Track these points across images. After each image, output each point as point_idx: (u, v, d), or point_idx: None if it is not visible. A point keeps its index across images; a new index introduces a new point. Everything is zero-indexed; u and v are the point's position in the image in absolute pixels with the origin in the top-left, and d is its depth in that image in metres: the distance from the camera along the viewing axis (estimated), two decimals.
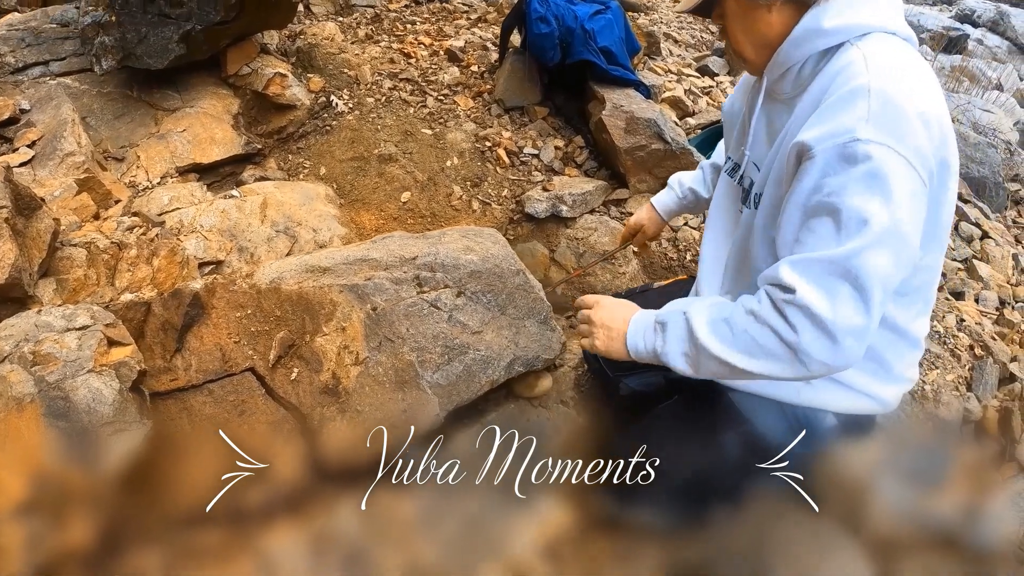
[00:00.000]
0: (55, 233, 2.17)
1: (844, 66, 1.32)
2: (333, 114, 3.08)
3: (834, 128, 1.26)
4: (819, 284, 1.27)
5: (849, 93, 1.27)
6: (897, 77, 1.28)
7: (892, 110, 1.24)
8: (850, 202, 1.23)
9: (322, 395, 1.82)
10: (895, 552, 2.40)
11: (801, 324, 1.28)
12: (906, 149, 1.23)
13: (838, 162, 1.25)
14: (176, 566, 1.66)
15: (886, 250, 1.25)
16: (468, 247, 2.06)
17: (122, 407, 1.63)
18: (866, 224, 1.23)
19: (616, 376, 1.96)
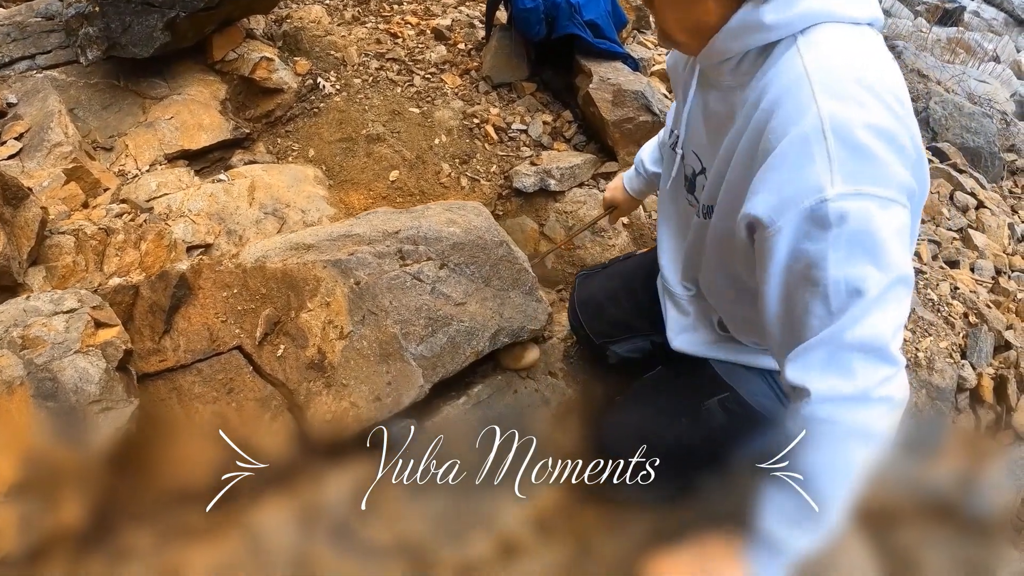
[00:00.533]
0: (43, 222, 2.18)
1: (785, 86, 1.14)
2: (320, 96, 3.08)
3: (792, 193, 1.09)
4: (828, 370, 1.16)
5: (799, 141, 1.09)
6: (849, 92, 1.09)
7: (857, 147, 1.07)
8: (835, 275, 1.09)
9: (308, 370, 1.84)
10: (889, 520, 2.41)
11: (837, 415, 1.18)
12: (885, 188, 1.08)
13: (809, 228, 1.09)
14: (166, 543, 1.69)
15: (888, 302, 1.12)
16: (451, 220, 2.07)
17: (108, 386, 1.64)
18: (859, 294, 1.10)
19: (603, 343, 1.97)
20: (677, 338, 1.76)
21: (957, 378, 2.48)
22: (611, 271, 2.09)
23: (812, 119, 1.08)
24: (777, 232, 1.12)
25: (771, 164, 1.12)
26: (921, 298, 2.68)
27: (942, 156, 3.99)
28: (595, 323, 1.98)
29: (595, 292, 2.01)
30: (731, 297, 1.50)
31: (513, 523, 1.89)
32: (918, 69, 5.08)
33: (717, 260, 1.43)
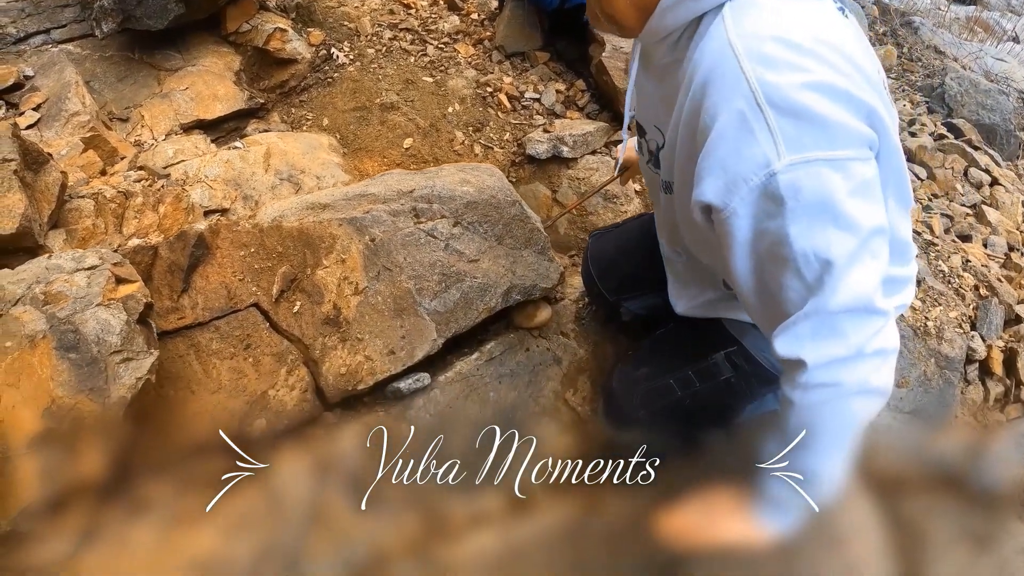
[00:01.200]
0: (63, 186, 2.21)
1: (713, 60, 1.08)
2: (334, 66, 3.10)
3: (738, 172, 1.05)
4: (819, 338, 1.13)
5: (736, 118, 1.04)
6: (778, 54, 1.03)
7: (797, 112, 1.01)
8: (802, 248, 1.06)
9: (324, 325, 1.86)
10: (896, 489, 2.42)
11: (838, 377, 1.16)
12: (835, 148, 1.03)
13: (764, 205, 1.06)
14: (184, 493, 1.72)
15: (864, 259, 1.09)
16: (464, 180, 2.08)
17: (129, 337, 1.67)
18: (829, 263, 1.06)
19: (616, 299, 1.99)
20: (679, 303, 1.76)
21: (966, 348, 2.48)
22: (624, 229, 2.10)
23: (744, 91, 1.03)
24: (732, 214, 1.09)
25: (712, 146, 1.07)
26: (932, 269, 2.68)
27: (957, 132, 3.95)
28: (608, 280, 1.99)
29: (608, 249, 2.02)
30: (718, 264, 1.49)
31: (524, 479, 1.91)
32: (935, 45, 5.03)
33: (691, 235, 1.41)
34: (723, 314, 1.70)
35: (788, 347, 1.16)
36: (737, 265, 1.17)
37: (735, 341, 1.69)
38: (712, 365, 1.70)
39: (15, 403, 1.63)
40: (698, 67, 1.11)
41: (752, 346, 1.68)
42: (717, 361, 1.70)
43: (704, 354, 1.71)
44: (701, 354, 1.72)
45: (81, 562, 1.60)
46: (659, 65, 1.29)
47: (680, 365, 1.74)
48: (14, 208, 1.98)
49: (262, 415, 1.81)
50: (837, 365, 1.15)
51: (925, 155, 3.46)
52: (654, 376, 1.76)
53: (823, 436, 1.27)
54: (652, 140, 1.46)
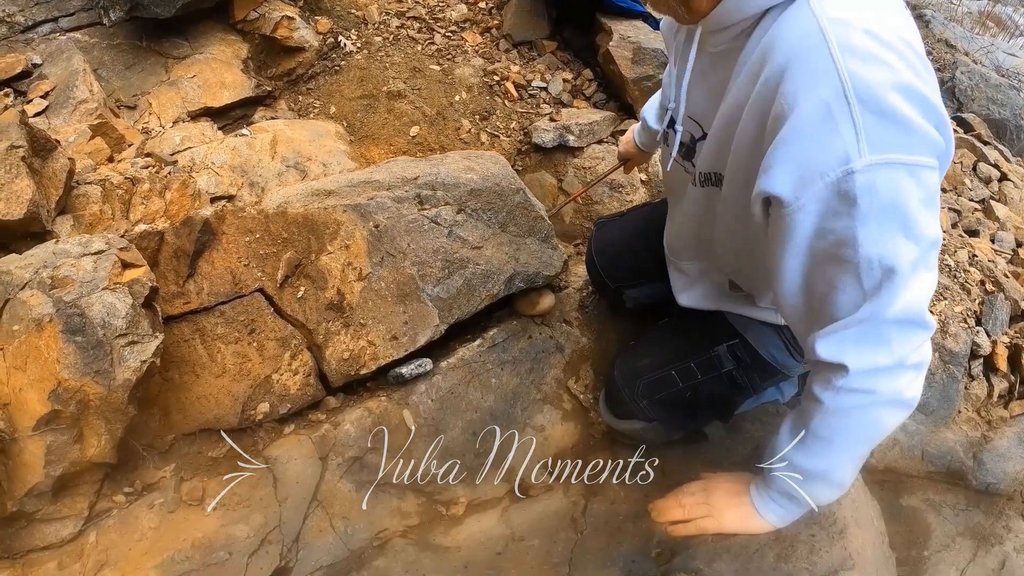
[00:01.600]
0: (71, 172, 2.23)
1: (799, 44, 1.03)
2: (341, 54, 3.10)
3: (815, 166, 1.01)
4: (865, 346, 1.13)
5: (821, 108, 1.00)
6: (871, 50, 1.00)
7: (884, 112, 0.98)
8: (867, 252, 1.03)
9: (327, 311, 1.87)
10: (899, 482, 2.42)
11: (875, 386, 1.16)
12: (914, 152, 1.01)
13: (835, 204, 1.02)
14: (188, 474, 1.74)
15: (921, 272, 1.08)
16: (469, 167, 2.09)
17: (135, 320, 1.69)
18: (894, 272, 1.04)
19: (619, 287, 1.99)
20: (682, 295, 1.77)
21: (971, 344, 2.47)
22: (628, 218, 2.10)
23: (833, 83, 0.99)
24: (799, 209, 1.05)
25: (789, 135, 1.03)
26: (938, 263, 2.66)
27: (967, 126, 3.92)
28: (611, 268, 2.00)
29: (612, 238, 2.02)
30: (748, 261, 1.46)
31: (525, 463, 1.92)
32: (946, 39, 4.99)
33: (731, 228, 1.37)
34: (727, 308, 1.70)
35: (831, 350, 1.15)
36: (787, 262, 1.14)
37: (738, 334, 1.69)
38: (714, 357, 1.70)
39: (22, 385, 1.64)
40: (773, 48, 1.07)
41: (755, 340, 1.68)
42: (720, 354, 1.70)
43: (707, 346, 1.72)
44: (704, 346, 1.72)
45: (85, 543, 1.62)
46: (714, 53, 1.26)
47: (682, 356, 1.74)
48: (22, 194, 1.99)
49: (266, 399, 1.82)
50: (877, 374, 1.14)
51: None
52: (656, 367, 1.76)
53: (845, 440, 1.28)
54: (686, 132, 1.43)
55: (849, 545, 1.56)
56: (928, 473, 2.43)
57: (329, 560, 1.67)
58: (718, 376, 1.71)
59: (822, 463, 1.33)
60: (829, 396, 1.20)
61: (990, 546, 2.46)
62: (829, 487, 1.37)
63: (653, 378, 1.76)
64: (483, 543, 1.72)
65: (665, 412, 1.79)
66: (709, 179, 1.34)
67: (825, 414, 1.24)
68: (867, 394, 1.17)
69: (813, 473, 1.35)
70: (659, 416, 1.80)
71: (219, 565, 1.58)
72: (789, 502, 1.46)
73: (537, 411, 1.98)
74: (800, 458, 1.34)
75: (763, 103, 1.08)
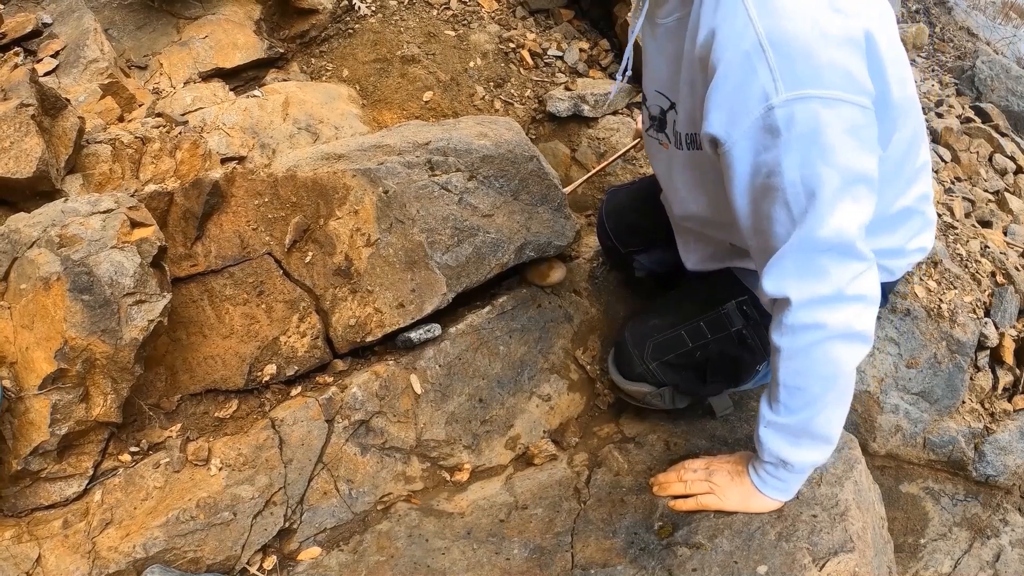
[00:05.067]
0: (80, 131, 2.21)
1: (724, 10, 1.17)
2: (355, 17, 3.06)
3: (741, 106, 1.15)
4: (803, 276, 1.22)
5: (741, 58, 1.14)
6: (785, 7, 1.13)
7: (797, 52, 1.11)
8: (791, 177, 1.15)
9: (335, 276, 1.86)
10: (899, 468, 2.42)
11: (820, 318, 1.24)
12: (830, 86, 1.12)
13: (761, 137, 1.15)
14: (194, 434, 1.74)
15: (846, 200, 1.17)
16: (482, 133, 2.06)
17: (143, 279, 1.68)
18: (815, 195, 1.16)
19: (628, 252, 1.98)
20: (689, 258, 1.78)
21: (979, 334, 2.45)
22: (639, 184, 2.10)
23: (751, 36, 1.13)
24: (733, 146, 1.18)
25: (718, 82, 1.17)
26: (949, 251, 2.63)
27: (985, 116, 3.86)
28: (621, 233, 1.99)
29: (623, 203, 2.01)
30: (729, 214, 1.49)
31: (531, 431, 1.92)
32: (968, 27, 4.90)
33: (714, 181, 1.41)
34: (734, 264, 1.69)
35: (774, 284, 1.25)
36: (737, 202, 1.25)
37: (745, 290, 1.68)
38: (724, 315, 1.70)
39: (28, 344, 1.65)
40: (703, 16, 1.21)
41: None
42: (728, 311, 1.69)
43: (715, 304, 1.71)
44: (713, 305, 1.71)
45: (90, 502, 1.63)
46: (664, 25, 1.37)
47: (691, 316, 1.74)
48: (31, 152, 1.98)
49: (273, 360, 1.82)
50: (820, 305, 1.23)
51: (951, 137, 3.38)
52: (665, 327, 1.76)
53: (813, 383, 1.33)
54: (654, 105, 1.51)
55: (850, 527, 1.55)
56: (929, 461, 2.44)
57: (333, 523, 1.68)
58: (728, 336, 1.70)
59: (799, 415, 1.37)
60: (785, 339, 1.28)
61: (986, 538, 2.47)
62: (815, 442, 1.42)
63: (663, 339, 1.76)
64: (486, 510, 1.72)
65: (675, 374, 1.78)
66: (692, 142, 1.42)
67: (785, 359, 1.31)
68: (817, 328, 1.24)
69: (795, 429, 1.40)
70: (669, 379, 1.79)
71: (224, 525, 1.59)
72: (783, 471, 1.49)
73: (544, 380, 1.97)
74: (779, 415, 1.39)
75: (701, 62, 1.23)
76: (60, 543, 1.56)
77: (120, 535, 1.57)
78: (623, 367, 1.86)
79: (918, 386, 2.36)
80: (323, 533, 1.66)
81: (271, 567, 1.60)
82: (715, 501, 1.59)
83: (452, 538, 1.66)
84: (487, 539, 1.65)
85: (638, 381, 1.83)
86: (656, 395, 1.83)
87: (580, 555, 1.60)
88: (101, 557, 1.54)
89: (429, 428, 1.81)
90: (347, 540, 1.66)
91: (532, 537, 1.65)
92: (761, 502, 1.56)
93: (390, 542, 1.64)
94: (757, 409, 1.92)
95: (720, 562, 1.52)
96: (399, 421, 1.79)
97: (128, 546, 1.54)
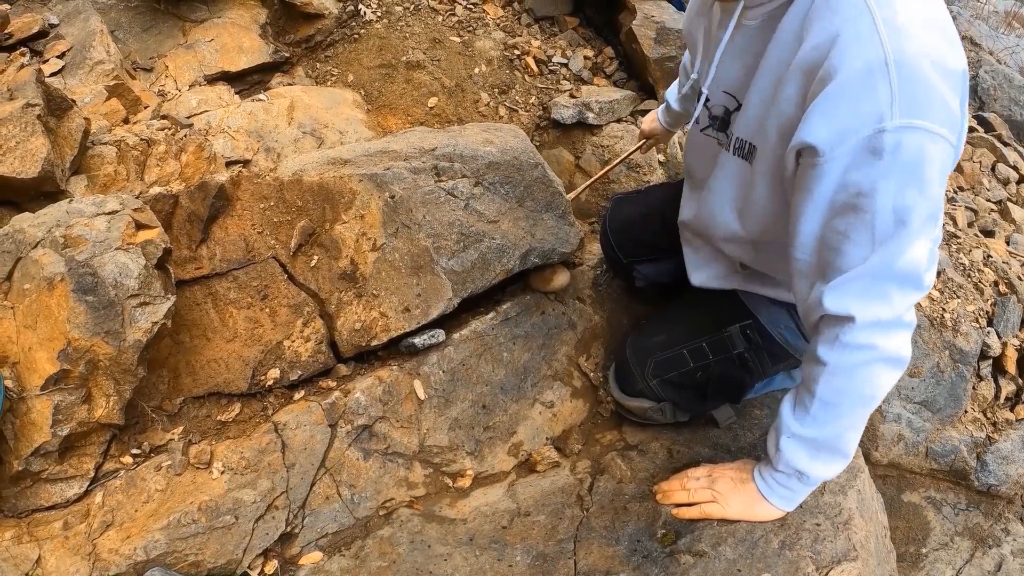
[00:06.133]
0: (86, 132, 2.21)
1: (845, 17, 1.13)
2: (361, 22, 3.07)
3: (853, 123, 1.11)
4: (870, 298, 1.22)
5: (863, 73, 1.10)
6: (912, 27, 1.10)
7: (918, 82, 1.08)
8: (884, 203, 1.14)
9: (340, 280, 1.86)
10: (902, 477, 2.42)
11: (877, 340, 1.25)
12: (938, 123, 1.11)
13: (862, 157, 1.12)
14: (197, 437, 1.74)
15: (924, 233, 1.18)
16: (488, 140, 2.06)
17: (147, 281, 1.68)
18: (904, 225, 1.15)
19: (630, 263, 1.98)
20: (695, 274, 1.77)
21: (981, 344, 2.46)
22: (644, 194, 2.10)
23: (876, 52, 1.09)
24: (830, 160, 1.14)
25: (832, 92, 1.12)
26: (952, 261, 2.64)
27: (987, 126, 3.86)
28: (625, 242, 1.99)
29: (628, 212, 2.02)
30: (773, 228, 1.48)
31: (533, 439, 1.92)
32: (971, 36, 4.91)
33: (761, 193, 1.41)
34: (740, 286, 1.69)
35: (838, 302, 1.24)
36: (808, 213, 1.22)
37: (750, 315, 1.69)
38: (726, 338, 1.71)
39: (31, 344, 1.64)
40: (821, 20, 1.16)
41: (767, 321, 1.68)
42: (732, 334, 1.70)
43: (719, 327, 1.72)
44: (716, 326, 1.72)
45: (91, 503, 1.62)
46: (748, 26, 1.33)
47: (694, 336, 1.74)
48: (37, 152, 1.98)
49: (276, 364, 1.81)
50: (879, 328, 1.24)
51: None
52: (667, 345, 1.76)
53: (850, 402, 1.34)
54: (718, 105, 1.47)
55: (853, 536, 1.55)
56: (931, 470, 2.44)
57: (335, 527, 1.67)
58: (729, 358, 1.71)
59: (829, 429, 1.37)
60: (834, 354, 1.28)
61: (987, 548, 2.46)
62: (834, 457, 1.42)
63: (664, 357, 1.77)
64: (489, 516, 1.71)
65: (675, 392, 1.79)
66: (743, 148, 1.39)
67: (830, 375, 1.30)
68: (869, 350, 1.25)
69: (820, 443, 1.40)
70: (669, 396, 1.80)
71: (225, 529, 1.58)
72: (796, 481, 1.49)
73: (547, 387, 1.97)
74: (806, 428, 1.39)
75: (809, 68, 1.17)
76: (60, 544, 1.55)
77: (121, 537, 1.56)
78: (624, 383, 1.87)
79: (920, 395, 2.37)
80: (325, 538, 1.66)
81: (272, 571, 1.59)
82: (718, 510, 1.58)
83: (454, 544, 1.65)
84: (489, 545, 1.65)
85: (638, 397, 1.84)
86: (656, 410, 1.83)
87: (583, 562, 1.60)
88: (101, 559, 1.53)
89: (432, 434, 1.81)
90: (349, 545, 1.66)
91: (534, 544, 1.64)
92: (765, 510, 1.56)
93: (392, 547, 1.64)
94: (760, 418, 1.93)
95: (723, 570, 1.52)
96: (402, 426, 1.79)
97: (129, 548, 1.54)
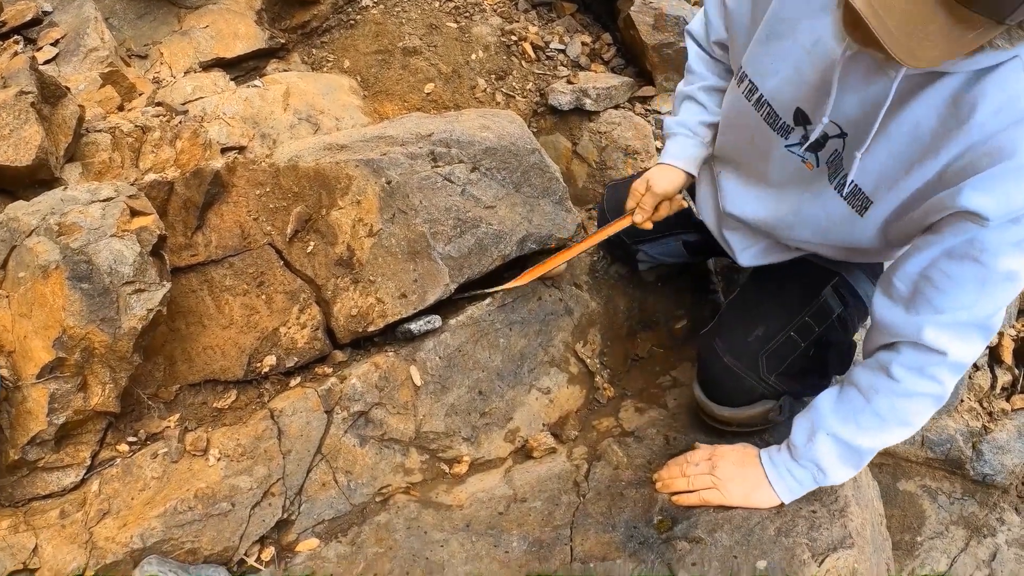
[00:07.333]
0: (80, 119, 2.20)
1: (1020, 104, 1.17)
2: (357, 8, 3.05)
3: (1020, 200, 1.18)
4: (963, 339, 1.31)
5: None
6: None
7: None
8: (1003, 264, 1.23)
9: (336, 266, 1.86)
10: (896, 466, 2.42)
11: (948, 376, 1.35)
12: None
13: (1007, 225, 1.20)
14: (193, 425, 1.74)
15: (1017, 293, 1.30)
16: (484, 125, 2.05)
17: (142, 268, 1.67)
18: (1012, 283, 1.25)
19: (633, 243, 1.96)
20: (743, 254, 1.72)
21: None
22: None
23: None
24: (984, 228, 1.20)
25: (1005, 170, 1.17)
26: None
27: None
28: None
29: (624, 196, 1.99)
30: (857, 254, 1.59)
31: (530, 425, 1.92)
32: None
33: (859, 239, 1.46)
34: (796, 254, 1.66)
35: (940, 338, 1.30)
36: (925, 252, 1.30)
37: (835, 272, 1.66)
38: (824, 303, 1.65)
39: (26, 333, 1.64)
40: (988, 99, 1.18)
41: (852, 278, 1.67)
42: (827, 297, 1.66)
43: (813, 294, 1.66)
44: (810, 295, 1.66)
45: (88, 491, 1.62)
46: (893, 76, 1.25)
47: (794, 315, 1.66)
48: (31, 140, 1.97)
49: (272, 351, 1.81)
50: (956, 369, 1.34)
51: None
52: (771, 335, 1.65)
53: (896, 422, 1.41)
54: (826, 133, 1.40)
55: (849, 524, 1.55)
56: (927, 459, 2.44)
57: (331, 514, 1.67)
58: (831, 324, 1.65)
59: (868, 440, 1.42)
60: (911, 377, 1.35)
61: (982, 537, 2.47)
62: (856, 466, 1.48)
63: (773, 349, 1.65)
64: (485, 503, 1.71)
65: (797, 381, 1.69)
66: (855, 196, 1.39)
67: (895, 394, 1.37)
68: (938, 384, 1.35)
69: (855, 449, 1.44)
70: (790, 388, 1.70)
71: (221, 516, 1.58)
72: (810, 477, 1.50)
73: (544, 373, 1.96)
74: (849, 430, 1.42)
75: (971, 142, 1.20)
76: (57, 533, 1.55)
77: (117, 525, 1.56)
78: (729, 396, 1.73)
79: None
80: (321, 524, 1.66)
81: (269, 558, 1.59)
82: (717, 496, 1.58)
83: (451, 530, 1.65)
84: (486, 532, 1.65)
85: (755, 403, 1.72)
86: (776, 409, 1.73)
87: (579, 548, 1.60)
88: (98, 547, 1.53)
89: (428, 420, 1.81)
90: (345, 532, 1.66)
91: (531, 530, 1.64)
92: (764, 497, 1.55)
93: (388, 534, 1.64)
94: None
95: (720, 556, 1.52)
96: (398, 413, 1.78)
97: (125, 536, 1.53)
